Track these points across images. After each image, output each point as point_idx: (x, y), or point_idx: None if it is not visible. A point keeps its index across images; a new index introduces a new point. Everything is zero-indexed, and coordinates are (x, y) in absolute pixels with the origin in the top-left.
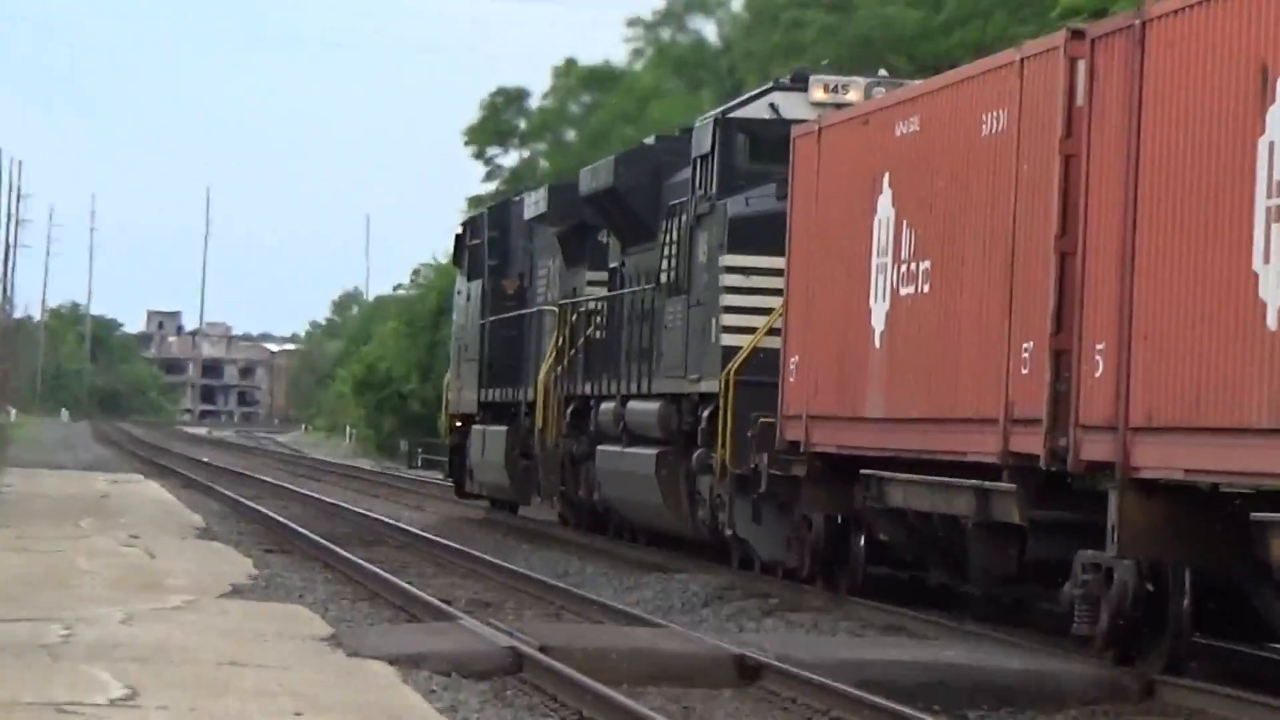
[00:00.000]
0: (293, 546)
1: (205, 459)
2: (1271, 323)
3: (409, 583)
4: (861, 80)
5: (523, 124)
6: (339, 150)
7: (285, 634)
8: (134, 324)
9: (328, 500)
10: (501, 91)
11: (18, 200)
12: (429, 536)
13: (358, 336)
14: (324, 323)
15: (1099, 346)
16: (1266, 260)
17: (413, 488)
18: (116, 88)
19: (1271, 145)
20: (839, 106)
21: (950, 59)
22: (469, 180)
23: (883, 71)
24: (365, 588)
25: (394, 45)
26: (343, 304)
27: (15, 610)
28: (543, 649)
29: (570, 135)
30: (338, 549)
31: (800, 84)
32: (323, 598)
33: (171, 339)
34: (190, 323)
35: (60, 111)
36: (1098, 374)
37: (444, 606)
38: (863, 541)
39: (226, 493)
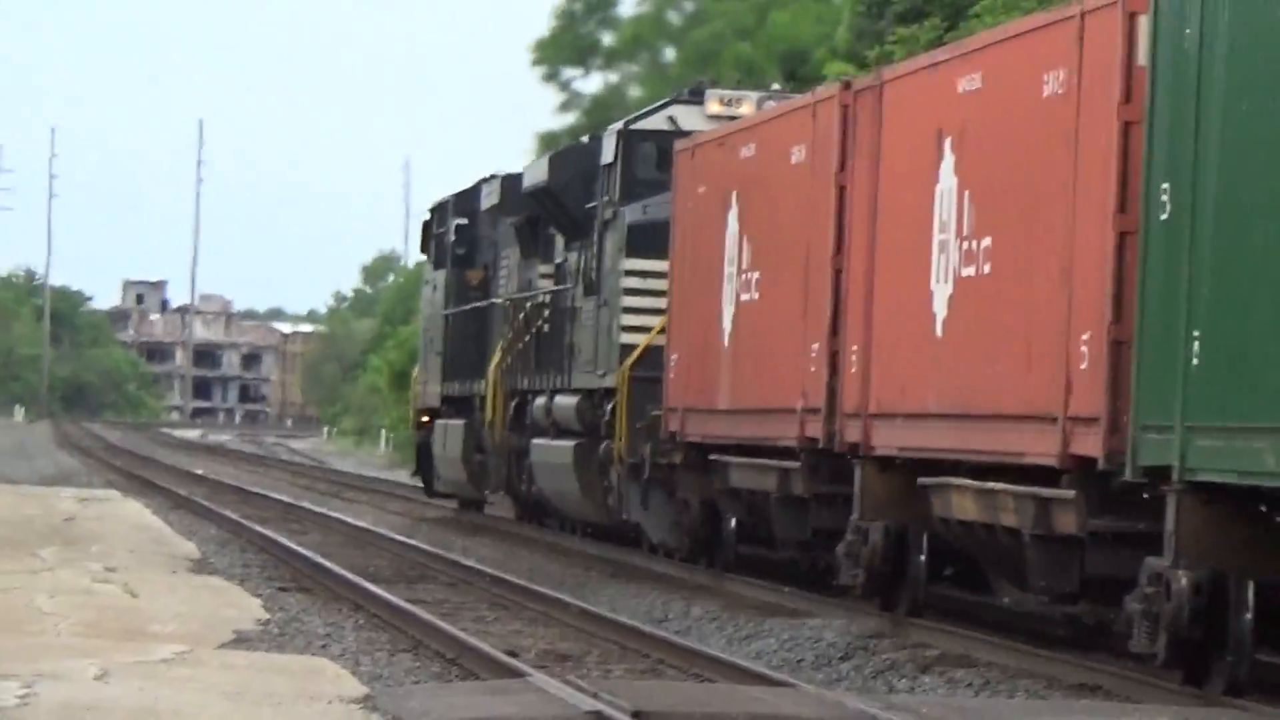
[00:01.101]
0: (314, 583)
1: (199, 471)
2: (939, 331)
3: (463, 629)
4: (754, 94)
5: (608, 38)
6: (370, 74)
7: (306, 695)
8: (106, 298)
9: (358, 524)
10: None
11: None
12: (487, 570)
13: (394, 313)
14: (351, 296)
15: (853, 348)
16: (936, 281)
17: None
18: None
19: (942, 192)
20: (733, 119)
21: None
22: (539, 111)
23: (775, 85)
24: (407, 635)
25: None
26: (375, 271)
27: None
28: (636, 715)
29: (669, 54)
30: (371, 587)
31: (698, 97)
32: (353, 648)
33: (155, 317)
34: (179, 297)
35: (11, 25)
36: (852, 371)
37: (509, 660)
38: (733, 524)
39: (228, 514)
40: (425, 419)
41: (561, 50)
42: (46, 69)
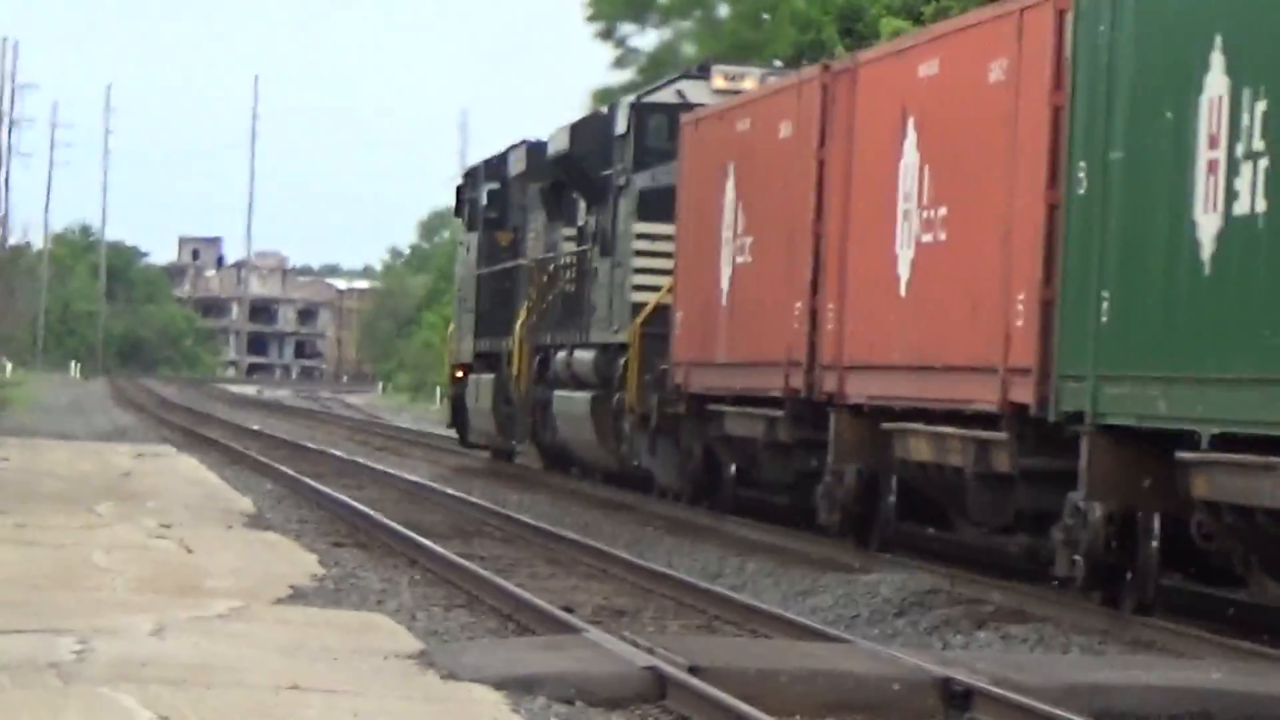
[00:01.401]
0: (369, 539)
1: (255, 426)
2: (902, 291)
3: (519, 585)
4: (757, 70)
5: None
6: (425, 26)
7: (361, 650)
8: (162, 254)
9: (413, 480)
10: None
11: (13, 93)
12: (544, 527)
13: (449, 269)
14: (407, 252)
15: (830, 306)
16: (900, 246)
17: (519, 469)
18: None
19: (905, 166)
20: (736, 94)
21: None
22: (595, 67)
23: (777, 62)
24: (463, 591)
25: None
26: (431, 226)
27: (16, 620)
28: (692, 670)
29: (723, 10)
30: (427, 542)
31: (705, 73)
32: (409, 604)
33: (210, 273)
34: (234, 253)
35: None
36: (829, 327)
37: (565, 616)
38: (734, 469)
39: (283, 470)
40: (459, 374)
41: (616, 6)
42: (103, 25)
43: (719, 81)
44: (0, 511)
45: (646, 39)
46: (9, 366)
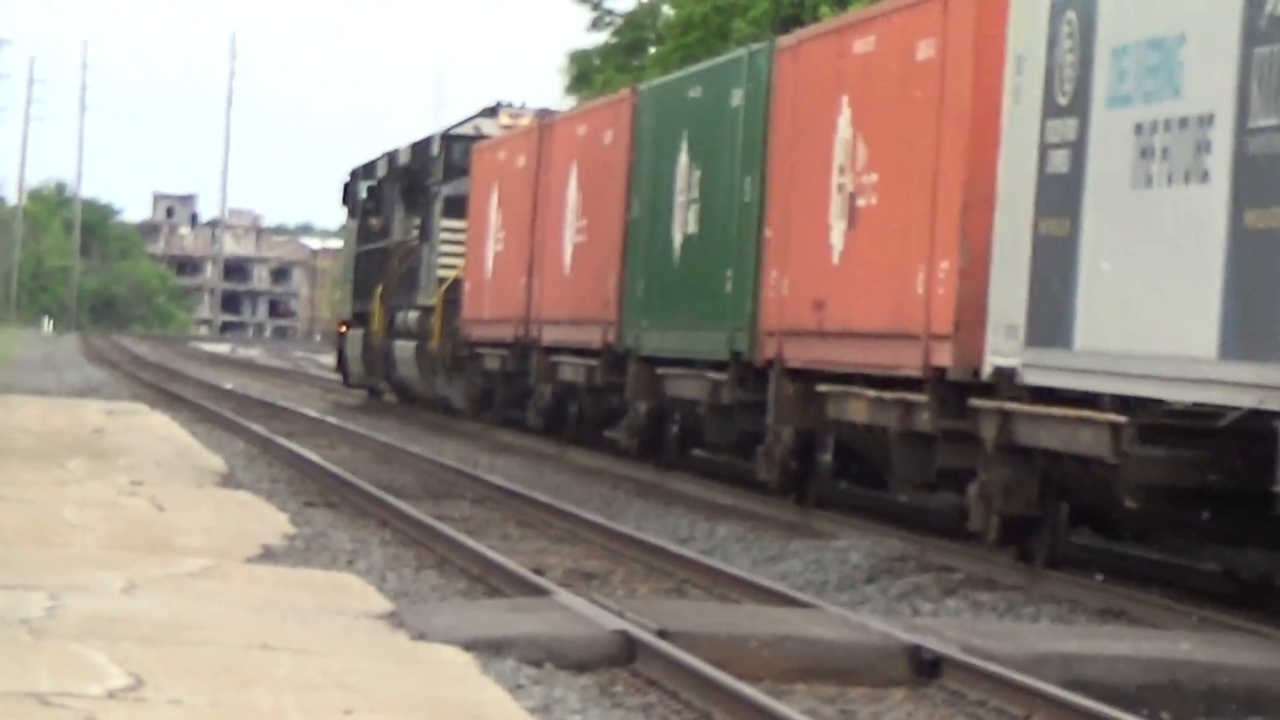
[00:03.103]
0: (340, 499)
1: (228, 385)
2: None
3: (490, 546)
4: (532, 110)
5: None
6: None
7: (331, 609)
8: (136, 211)
9: (385, 440)
10: None
11: None
12: (514, 489)
13: None
14: None
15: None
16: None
17: (489, 430)
18: None
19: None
20: (511, 128)
21: None
22: (571, 29)
23: (552, 108)
24: (433, 552)
25: None
26: None
27: None
28: (661, 633)
29: None
30: (398, 503)
31: (494, 113)
32: (379, 564)
33: (184, 231)
34: (208, 211)
35: None
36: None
37: (535, 578)
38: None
39: (255, 429)
40: (342, 329)
41: None
42: None
43: (504, 119)
44: None
45: (623, 1)
46: None
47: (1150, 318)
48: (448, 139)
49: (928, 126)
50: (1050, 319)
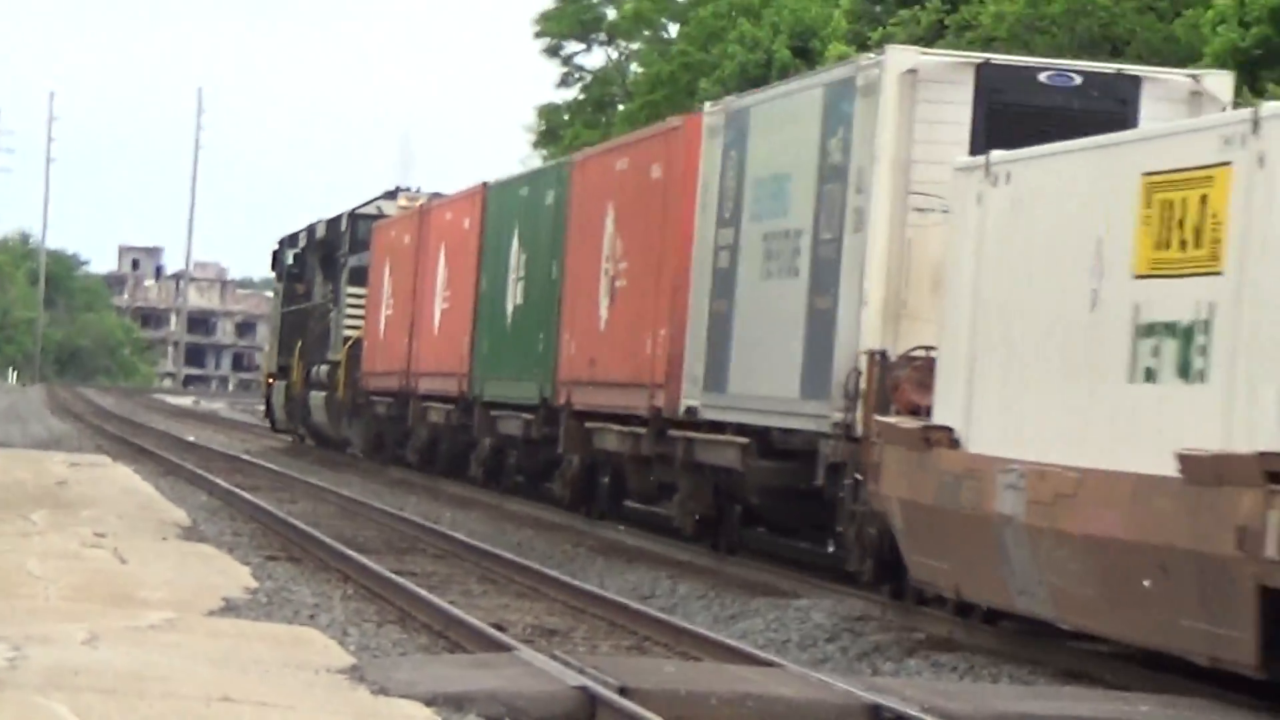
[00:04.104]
0: (303, 553)
1: (191, 438)
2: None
3: (451, 602)
4: (428, 193)
5: (611, 13)
6: (369, 43)
7: (293, 664)
8: (102, 263)
9: (347, 495)
10: None
11: None
12: (476, 545)
13: None
14: None
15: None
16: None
17: (459, 487)
18: None
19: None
20: (408, 208)
21: None
22: (542, 84)
23: (432, 193)
24: (395, 607)
25: None
26: None
27: None
28: (622, 691)
29: (673, 30)
30: (360, 558)
31: (394, 196)
32: (341, 619)
33: (149, 283)
34: (174, 263)
35: None
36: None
37: (496, 634)
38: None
39: (218, 482)
40: (269, 381)
41: (564, 23)
42: (47, 31)
43: (402, 201)
44: None
45: (594, 58)
46: None
47: (767, 370)
48: (354, 217)
49: (657, 228)
50: (716, 371)
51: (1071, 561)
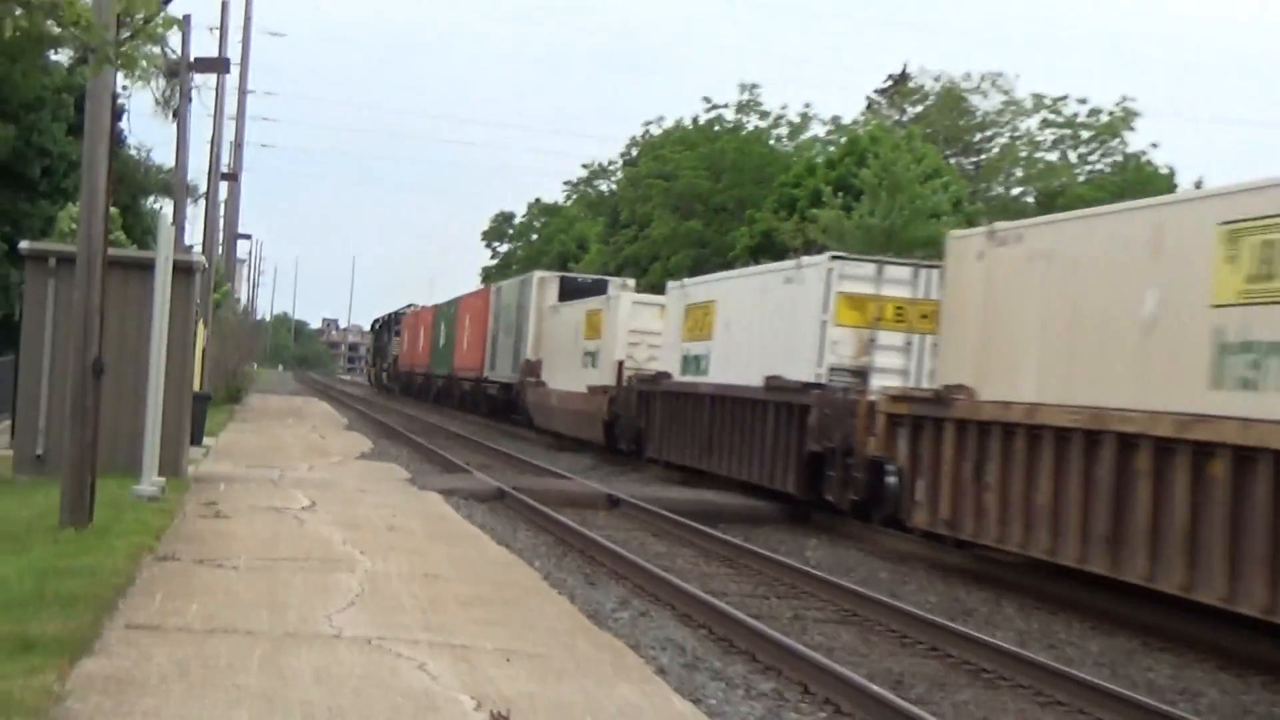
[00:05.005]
0: (393, 435)
1: (349, 390)
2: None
3: (449, 455)
4: (418, 305)
5: (511, 231)
6: (317, 180)
7: (388, 477)
8: (315, 322)
9: (409, 413)
10: (501, 214)
11: (258, 273)
12: (462, 435)
13: None
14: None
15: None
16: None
17: (461, 412)
18: None
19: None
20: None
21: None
22: (484, 259)
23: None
24: (429, 457)
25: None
26: None
27: (258, 463)
28: (515, 488)
29: (534, 238)
30: (415, 437)
31: (408, 307)
32: (406, 460)
33: (334, 331)
34: (343, 323)
35: None
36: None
37: (465, 467)
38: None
39: (359, 409)
40: (369, 369)
41: (493, 234)
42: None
43: (414, 307)
44: (250, 421)
45: (505, 249)
46: (255, 366)
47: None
48: (398, 312)
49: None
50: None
51: None
